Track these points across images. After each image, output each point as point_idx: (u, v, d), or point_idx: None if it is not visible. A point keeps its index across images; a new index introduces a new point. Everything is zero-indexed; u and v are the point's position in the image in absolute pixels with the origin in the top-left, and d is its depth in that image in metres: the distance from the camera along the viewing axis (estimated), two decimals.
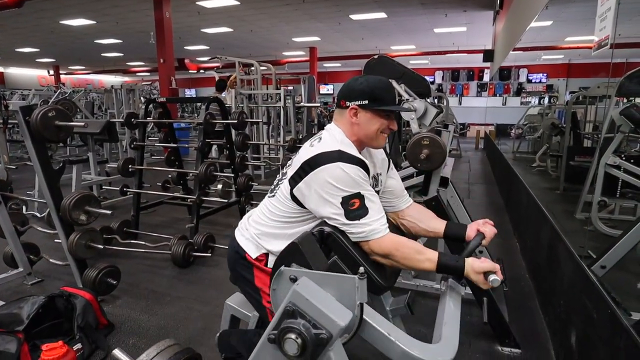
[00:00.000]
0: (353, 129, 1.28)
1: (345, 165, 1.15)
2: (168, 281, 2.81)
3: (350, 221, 1.14)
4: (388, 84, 1.27)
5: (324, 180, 1.15)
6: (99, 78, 22.42)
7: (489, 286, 1.07)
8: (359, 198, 1.15)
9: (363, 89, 1.24)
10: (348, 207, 1.14)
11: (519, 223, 3.85)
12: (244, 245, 1.38)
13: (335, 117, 1.33)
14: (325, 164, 1.15)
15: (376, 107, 1.23)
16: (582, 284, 1.72)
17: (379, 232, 1.15)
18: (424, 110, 3.01)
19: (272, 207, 1.33)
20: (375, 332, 0.90)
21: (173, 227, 3.93)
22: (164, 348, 1.07)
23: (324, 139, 1.26)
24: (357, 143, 1.29)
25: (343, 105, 1.28)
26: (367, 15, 9.96)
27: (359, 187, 1.15)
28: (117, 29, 11.53)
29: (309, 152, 1.23)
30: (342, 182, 1.14)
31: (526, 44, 12.38)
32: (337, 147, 1.20)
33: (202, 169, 3.13)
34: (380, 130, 1.27)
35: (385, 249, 1.15)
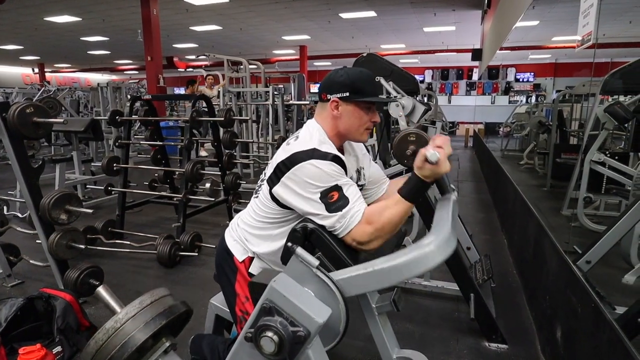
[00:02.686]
0: (334, 122, 1.26)
1: (318, 162, 1.14)
2: (153, 281, 2.76)
3: (332, 213, 1.12)
4: (369, 76, 1.25)
5: (300, 179, 1.14)
6: (85, 76, 22.09)
7: (438, 168, 0.99)
8: (337, 190, 1.13)
9: (344, 81, 1.22)
10: (328, 201, 1.12)
11: (506, 219, 3.88)
12: (232, 247, 1.38)
13: (316, 111, 1.32)
14: (299, 163, 1.15)
15: (357, 99, 1.22)
16: (567, 279, 1.73)
17: (357, 214, 1.11)
18: (412, 108, 3.02)
19: (256, 208, 1.32)
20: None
21: (160, 227, 3.88)
22: (159, 298, 1.01)
23: (300, 138, 1.25)
24: (339, 137, 1.28)
25: (324, 98, 1.26)
26: (356, 14, 9.97)
27: (335, 179, 1.14)
28: (103, 26, 11.36)
29: (284, 151, 1.22)
30: (317, 178, 1.13)
31: (514, 44, 12.52)
32: (311, 145, 1.19)
33: (188, 168, 3.08)
34: (362, 123, 1.25)
35: (367, 230, 1.11)
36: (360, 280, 0.86)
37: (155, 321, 0.91)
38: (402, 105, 2.95)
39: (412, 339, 2.12)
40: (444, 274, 2.44)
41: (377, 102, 1.27)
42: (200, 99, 3.45)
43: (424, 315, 2.32)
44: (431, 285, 2.49)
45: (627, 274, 2.86)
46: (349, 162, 1.35)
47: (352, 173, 1.34)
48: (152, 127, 3.80)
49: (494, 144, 11.14)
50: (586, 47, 1.72)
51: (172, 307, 0.97)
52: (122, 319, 0.90)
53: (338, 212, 1.12)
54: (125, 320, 0.90)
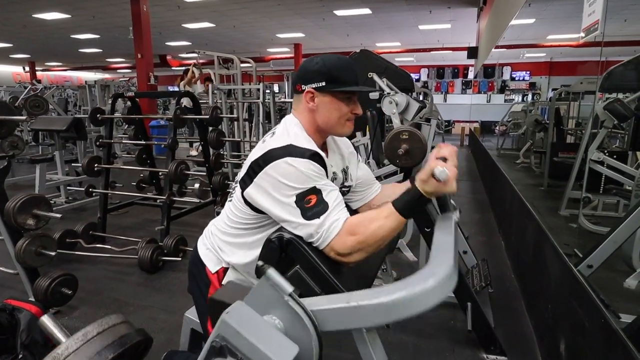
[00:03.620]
0: (312, 116, 1.13)
1: (293, 160, 1.01)
2: (133, 288, 2.61)
3: (309, 221, 0.99)
4: (348, 63, 1.12)
5: (273, 180, 1.01)
6: (77, 75, 21.79)
7: (444, 187, 0.88)
8: (315, 193, 1.00)
9: (319, 69, 1.09)
10: (304, 205, 0.99)
11: (504, 220, 3.76)
12: (205, 257, 1.24)
13: (293, 105, 1.19)
14: (274, 161, 1.02)
15: (334, 89, 1.09)
16: (571, 287, 1.61)
17: (337, 223, 0.98)
18: (406, 105, 2.90)
19: (230, 213, 1.19)
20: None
21: (145, 229, 3.73)
22: (108, 327, 0.87)
23: (276, 134, 1.12)
24: (319, 132, 1.15)
25: (299, 89, 1.13)
26: (351, 11, 9.84)
27: (313, 181, 1.01)
28: (93, 24, 11.14)
29: (260, 149, 1.09)
30: (292, 178, 1.00)
31: (510, 42, 12.43)
32: (287, 141, 1.06)
33: (171, 168, 2.94)
34: (341, 115, 1.12)
35: (348, 242, 0.98)
36: (340, 316, 0.72)
37: (101, 355, 0.77)
38: (396, 102, 2.83)
39: (406, 351, 2.00)
40: None
41: (356, 91, 1.13)
42: (185, 96, 3.31)
43: (418, 325, 2.19)
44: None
45: (628, 277, 2.76)
46: (334, 160, 1.22)
47: (338, 173, 1.21)
48: (136, 126, 3.65)
49: (490, 142, 11.06)
50: (588, 42, 1.60)
51: (124, 338, 0.83)
52: (61, 354, 0.77)
53: (315, 220, 0.99)
54: (65, 356, 0.76)
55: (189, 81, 6.18)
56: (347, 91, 1.10)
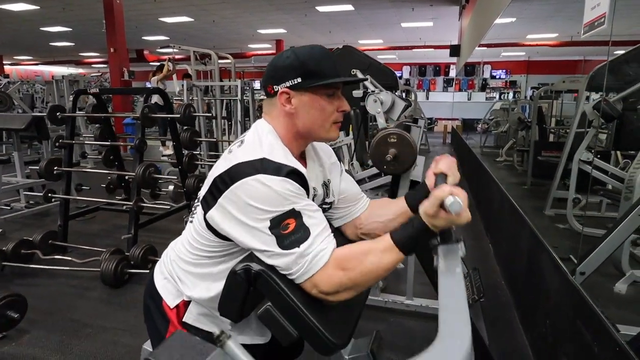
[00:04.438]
0: (289, 121, 0.94)
1: (267, 178, 0.82)
2: (94, 306, 2.37)
3: (287, 250, 0.81)
4: (324, 51, 0.94)
5: (241, 202, 0.82)
6: (49, 69, 20.92)
7: (457, 219, 0.72)
8: (294, 217, 0.82)
9: (291, 64, 0.90)
10: (280, 232, 0.81)
11: (491, 222, 3.66)
12: (162, 288, 1.04)
13: (264, 109, 0.99)
14: (242, 179, 0.83)
15: (314, 85, 0.90)
16: (574, 303, 1.47)
17: (323, 254, 0.82)
18: (392, 103, 2.73)
19: (190, 238, 0.98)
20: None
21: (113, 237, 3.45)
22: None
23: (245, 143, 0.93)
24: (299, 139, 0.96)
25: (270, 91, 0.94)
26: (333, 7, 9.67)
27: (291, 202, 0.83)
28: (64, 16, 10.64)
29: (224, 162, 0.89)
30: (265, 200, 0.81)
31: (490, 41, 12.48)
32: (259, 153, 0.87)
33: (139, 171, 2.70)
34: (326, 116, 0.94)
35: (335, 278, 0.81)
36: None
37: None
38: (381, 100, 2.66)
39: None
40: (429, 291, 2.17)
41: (340, 83, 0.95)
42: (155, 93, 3.06)
43: (407, 341, 2.03)
44: (414, 304, 2.20)
45: (618, 282, 2.67)
46: (313, 172, 1.02)
47: (318, 188, 1.02)
48: (102, 125, 3.38)
49: (472, 140, 11.07)
50: (564, 42, 1.45)
51: None
52: None
53: (295, 249, 0.81)
54: None
55: (163, 77, 5.89)
56: (330, 85, 0.92)
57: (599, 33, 1.43)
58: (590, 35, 1.39)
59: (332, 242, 0.85)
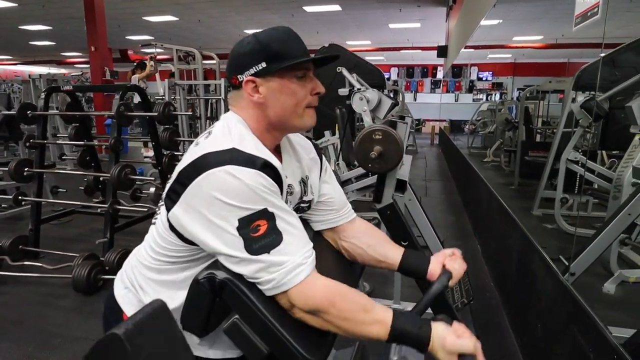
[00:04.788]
0: (259, 112, 0.85)
1: (237, 170, 0.73)
2: (65, 315, 2.23)
3: (255, 256, 0.72)
4: (288, 31, 0.86)
5: (207, 195, 0.72)
6: (30, 69, 20.42)
7: None
8: (266, 218, 0.73)
9: (253, 49, 0.82)
10: (249, 234, 0.72)
11: (479, 223, 3.61)
12: (122, 298, 0.94)
13: (231, 103, 0.89)
14: (209, 170, 0.73)
15: (280, 67, 0.81)
16: (568, 308, 1.40)
17: (301, 271, 0.74)
18: (378, 102, 2.65)
19: (153, 242, 0.88)
20: None
21: (89, 241, 3.29)
22: None
23: (214, 133, 0.83)
24: (272, 131, 0.87)
25: (235, 83, 0.85)
26: (321, 8, 9.61)
27: (264, 201, 0.74)
28: (44, 14, 10.36)
29: (190, 154, 0.80)
30: (235, 195, 0.72)
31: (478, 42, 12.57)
32: (230, 143, 0.78)
33: (114, 172, 2.57)
34: (299, 100, 0.84)
35: (315, 301, 0.74)
36: None
37: None
38: (367, 98, 2.58)
39: None
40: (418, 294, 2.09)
41: (311, 63, 0.86)
42: (132, 90, 2.94)
43: None
44: (402, 309, 2.12)
45: (606, 282, 2.65)
46: (290, 168, 0.93)
47: (294, 185, 0.93)
48: (78, 124, 3.24)
49: (459, 141, 11.11)
50: (550, 44, 1.39)
51: None
52: None
53: (263, 256, 0.72)
54: None
55: (145, 76, 5.73)
56: (298, 65, 0.83)
57: (587, 35, 1.37)
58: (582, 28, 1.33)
59: (312, 256, 0.77)
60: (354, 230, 1.04)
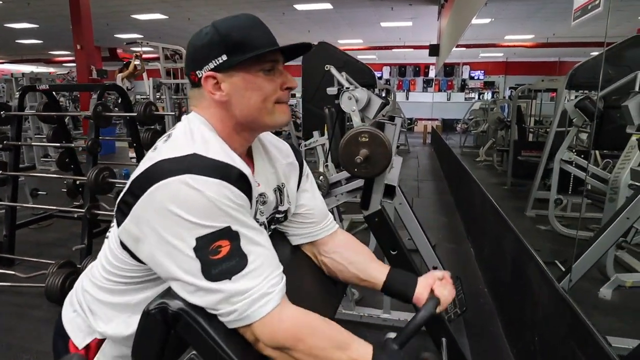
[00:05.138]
0: (224, 112, 0.74)
1: (197, 179, 0.62)
2: (36, 328, 2.12)
3: (214, 283, 0.62)
4: (252, 18, 0.76)
5: (161, 209, 0.62)
6: (17, 68, 20.05)
7: None
8: (229, 238, 0.63)
9: (211, 40, 0.71)
10: (208, 257, 0.62)
11: (472, 225, 3.54)
12: (69, 324, 0.84)
13: (192, 103, 0.79)
14: (164, 179, 0.63)
15: (243, 58, 0.71)
16: (568, 322, 1.32)
17: (267, 302, 0.64)
18: (367, 101, 2.56)
19: (104, 260, 0.78)
20: None
21: (68, 247, 3.16)
22: None
23: (174, 136, 0.73)
24: (240, 132, 0.77)
25: (194, 80, 0.74)
26: (312, 6, 9.51)
27: (227, 217, 0.63)
28: (30, 12, 10.13)
29: (145, 162, 0.69)
30: (192, 209, 0.61)
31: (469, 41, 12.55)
32: (190, 148, 0.67)
33: (91, 175, 2.45)
34: (267, 95, 0.74)
35: (281, 337, 0.64)
36: None
37: None
38: (356, 98, 2.49)
39: None
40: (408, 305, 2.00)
41: (280, 54, 0.76)
42: (110, 89, 2.81)
43: None
44: (392, 319, 2.03)
45: (602, 286, 2.57)
46: (263, 175, 0.82)
47: (268, 193, 0.82)
48: (55, 125, 3.11)
49: (452, 140, 11.06)
50: (541, 43, 1.31)
51: None
52: None
53: (224, 282, 0.62)
54: None
55: (130, 75, 5.59)
56: (264, 57, 0.72)
57: (578, 34, 1.28)
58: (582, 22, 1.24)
59: (281, 283, 0.66)
60: (335, 245, 0.94)
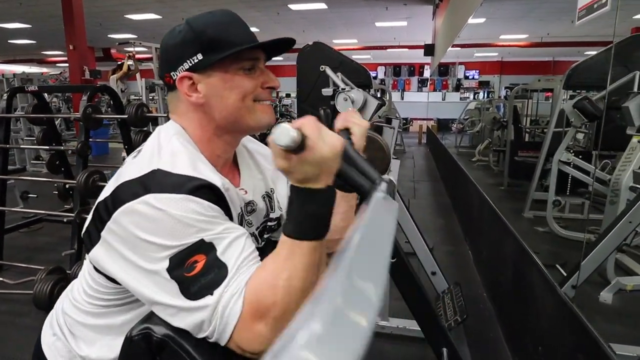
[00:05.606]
0: (203, 115, 0.70)
1: (159, 198, 0.58)
2: (25, 336, 2.04)
3: (195, 301, 0.56)
4: (228, 14, 0.71)
5: (128, 235, 0.58)
6: (10, 68, 19.81)
7: (311, 153, 0.51)
8: (204, 251, 0.57)
9: (184, 38, 0.67)
10: (183, 275, 0.56)
11: (470, 227, 3.50)
12: (49, 349, 0.78)
13: (170, 108, 0.74)
14: (127, 203, 0.59)
15: (220, 57, 0.66)
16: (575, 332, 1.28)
17: (235, 302, 0.55)
18: (364, 102, 2.52)
19: (84, 281, 0.73)
20: None
21: (58, 252, 3.10)
22: None
23: (142, 152, 0.68)
24: (222, 136, 0.72)
25: (169, 82, 0.70)
26: (306, 5, 9.47)
27: (198, 231, 0.58)
28: (21, 11, 10.01)
29: (113, 181, 0.65)
30: (159, 231, 0.57)
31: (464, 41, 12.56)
32: (154, 164, 0.62)
33: (81, 179, 2.38)
34: (246, 93, 0.69)
35: (257, 334, 0.55)
36: None
37: None
38: (352, 99, 2.45)
39: None
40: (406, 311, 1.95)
41: (260, 51, 0.72)
42: (101, 91, 2.75)
43: None
44: (390, 326, 1.98)
45: (603, 290, 2.54)
46: (250, 182, 0.78)
47: (257, 201, 0.78)
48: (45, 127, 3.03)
49: (447, 140, 11.05)
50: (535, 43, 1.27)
51: None
52: None
53: (206, 299, 0.55)
54: None
55: (123, 75, 5.52)
56: (242, 55, 0.68)
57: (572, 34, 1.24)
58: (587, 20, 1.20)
59: (245, 277, 0.58)
60: None
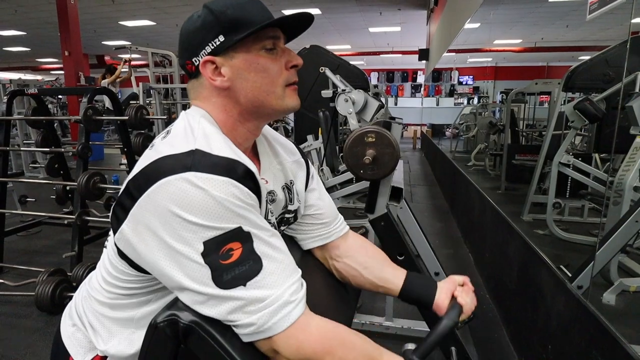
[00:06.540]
0: (227, 100, 0.69)
1: (202, 177, 0.56)
2: (26, 338, 2.01)
3: (227, 290, 0.55)
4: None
5: (162, 211, 0.56)
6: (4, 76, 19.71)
7: None
8: (241, 239, 0.57)
9: (204, 22, 0.66)
10: (218, 261, 0.55)
11: (470, 230, 3.50)
12: (68, 339, 0.76)
13: (191, 96, 0.73)
14: (164, 178, 0.56)
15: (242, 36, 0.65)
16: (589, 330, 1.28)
17: (290, 312, 0.57)
18: (364, 103, 2.52)
19: (104, 269, 0.71)
20: None
21: (58, 254, 3.07)
22: None
23: (172, 133, 0.66)
24: (246, 122, 0.71)
25: (191, 69, 0.68)
26: (300, 11, 9.49)
27: (237, 217, 0.57)
28: (16, 19, 10.00)
29: (143, 159, 0.63)
30: (198, 210, 0.55)
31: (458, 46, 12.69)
32: (191, 144, 0.61)
33: (81, 181, 2.36)
34: (275, 76, 0.68)
35: (308, 350, 0.58)
36: None
37: None
38: (352, 100, 2.45)
39: None
40: (410, 311, 1.95)
41: (280, 31, 0.70)
42: (101, 94, 2.73)
43: None
44: (395, 327, 1.97)
45: (606, 291, 2.54)
46: (270, 172, 0.77)
47: (277, 191, 0.77)
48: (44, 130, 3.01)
49: (442, 145, 11.11)
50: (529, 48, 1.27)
51: None
52: None
53: (238, 289, 0.55)
54: None
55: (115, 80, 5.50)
56: (263, 33, 0.66)
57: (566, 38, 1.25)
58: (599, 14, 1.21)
59: (302, 290, 0.60)
60: (347, 248, 0.88)
